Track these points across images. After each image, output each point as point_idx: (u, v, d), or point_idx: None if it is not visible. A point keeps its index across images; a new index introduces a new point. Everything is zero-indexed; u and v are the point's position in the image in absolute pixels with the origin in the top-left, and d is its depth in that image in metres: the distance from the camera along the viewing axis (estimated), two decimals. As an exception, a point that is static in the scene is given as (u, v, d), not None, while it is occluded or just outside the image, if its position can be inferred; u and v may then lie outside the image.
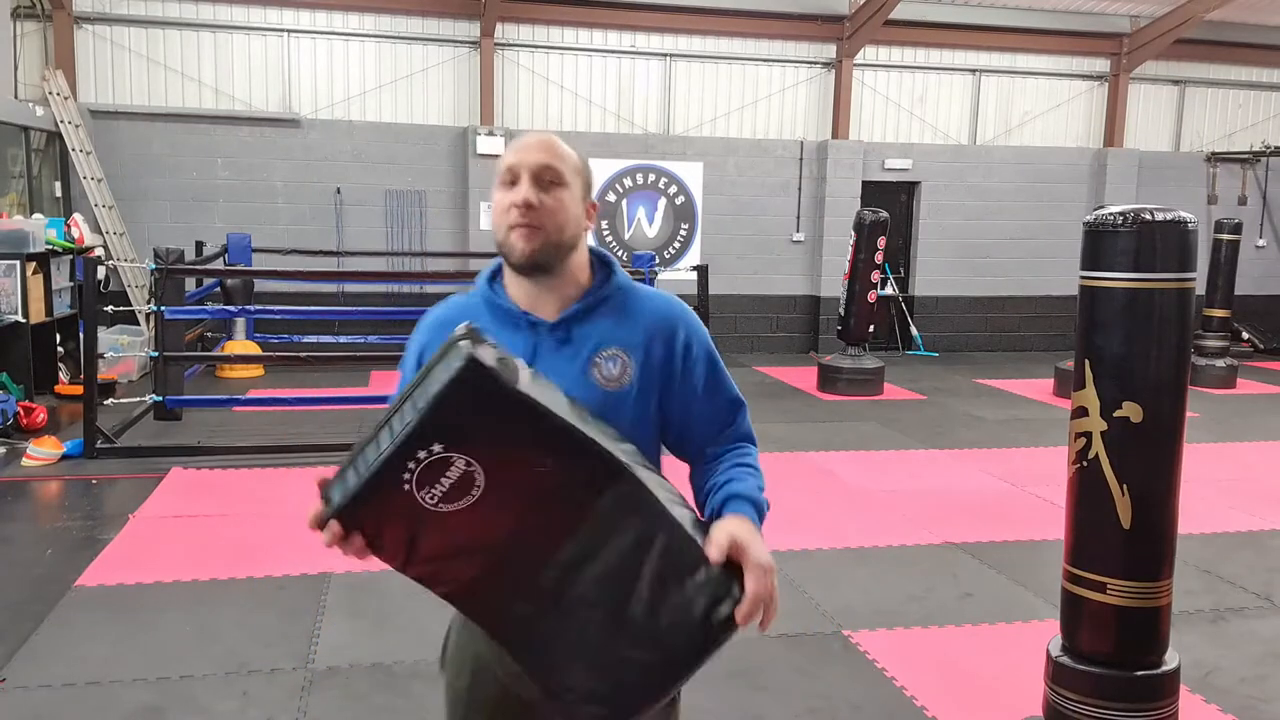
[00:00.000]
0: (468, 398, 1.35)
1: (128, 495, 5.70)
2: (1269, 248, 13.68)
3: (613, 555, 1.45)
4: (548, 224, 1.61)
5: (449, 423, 1.36)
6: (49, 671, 3.54)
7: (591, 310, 1.68)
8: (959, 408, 9.00)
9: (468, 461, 1.37)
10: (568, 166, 1.66)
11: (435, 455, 1.35)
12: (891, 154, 12.31)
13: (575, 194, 1.67)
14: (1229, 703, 3.48)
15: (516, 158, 1.64)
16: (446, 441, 1.36)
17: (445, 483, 1.37)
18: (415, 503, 1.38)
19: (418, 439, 1.35)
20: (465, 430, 1.36)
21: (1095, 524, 2.78)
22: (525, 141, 1.67)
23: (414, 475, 1.36)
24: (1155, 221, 2.64)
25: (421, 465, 1.36)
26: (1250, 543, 5.32)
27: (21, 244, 8.08)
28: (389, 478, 1.36)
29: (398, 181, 11.06)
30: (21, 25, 10.09)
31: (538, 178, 1.62)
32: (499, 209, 1.64)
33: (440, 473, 1.37)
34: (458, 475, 1.37)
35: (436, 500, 1.38)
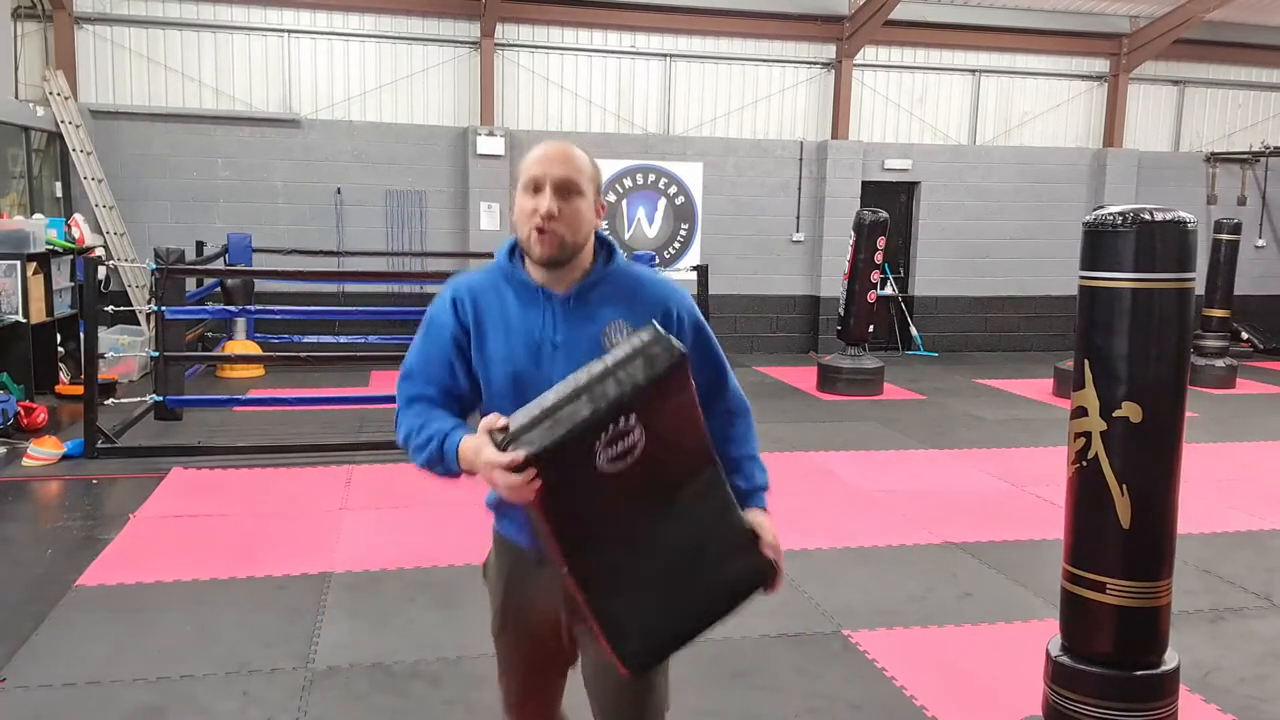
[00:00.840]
0: (670, 383, 1.64)
1: (128, 495, 5.71)
2: (1268, 248, 13.69)
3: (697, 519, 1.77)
4: (565, 231, 1.87)
5: (648, 400, 1.63)
6: (49, 671, 3.54)
7: (596, 285, 1.96)
8: (959, 408, 9.00)
9: (641, 432, 1.64)
10: (585, 177, 1.90)
11: (626, 426, 1.62)
12: (891, 154, 12.32)
13: (589, 201, 1.92)
14: (1229, 703, 3.48)
15: (541, 170, 1.88)
16: (639, 413, 1.63)
17: (620, 446, 1.63)
18: (592, 461, 1.62)
19: (622, 408, 1.61)
20: (656, 406, 1.65)
21: (1095, 524, 2.78)
22: (548, 154, 1.90)
23: (605, 439, 1.61)
24: (1155, 221, 2.64)
25: (613, 432, 1.62)
26: (1250, 543, 5.32)
27: (22, 244, 8.08)
28: (589, 435, 1.60)
29: (398, 181, 11.07)
30: (22, 25, 10.09)
31: (559, 189, 1.86)
32: (523, 212, 1.89)
33: (622, 435, 1.63)
34: (630, 443, 1.63)
35: (605, 461, 1.63)
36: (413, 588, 4.41)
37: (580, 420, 1.60)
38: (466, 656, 3.73)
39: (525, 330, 1.94)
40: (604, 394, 1.61)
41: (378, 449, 6.80)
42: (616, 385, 1.62)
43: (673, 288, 2.03)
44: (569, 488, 1.64)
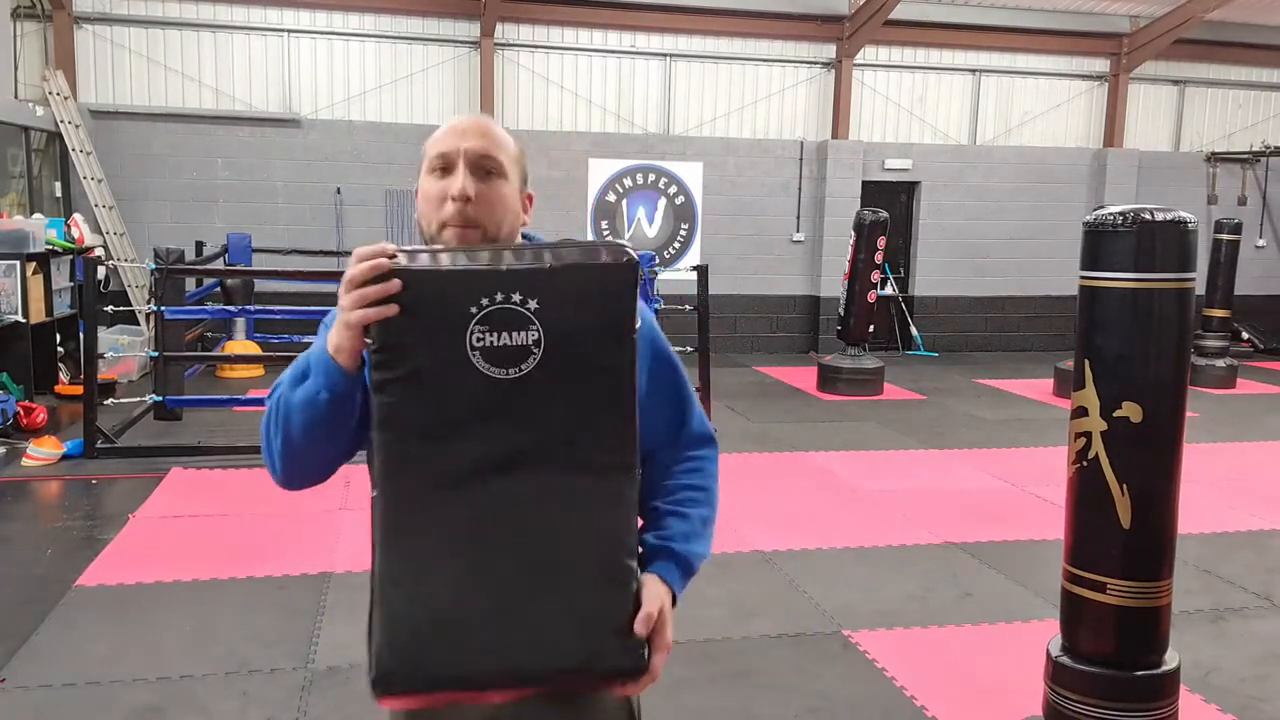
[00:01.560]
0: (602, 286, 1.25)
1: (128, 495, 5.70)
2: (1269, 248, 13.68)
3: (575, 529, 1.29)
4: (486, 220, 1.45)
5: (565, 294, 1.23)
6: (49, 671, 3.54)
7: None
8: (959, 408, 9.00)
9: (536, 340, 1.23)
10: (507, 155, 1.50)
11: (524, 308, 1.22)
12: (891, 154, 12.32)
13: (514, 185, 1.51)
14: (1229, 703, 3.48)
15: (451, 143, 1.47)
16: (542, 304, 1.22)
17: (501, 339, 1.23)
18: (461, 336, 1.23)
19: (528, 283, 1.22)
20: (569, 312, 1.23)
21: (1095, 524, 2.78)
22: (459, 125, 1.50)
23: (489, 307, 1.22)
24: (1155, 221, 2.64)
25: (499, 304, 1.22)
26: (1250, 543, 5.32)
27: (21, 244, 8.08)
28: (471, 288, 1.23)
29: (398, 181, 11.06)
30: (21, 25, 10.09)
31: (475, 166, 1.46)
32: (429, 199, 1.47)
33: (508, 326, 1.22)
34: (518, 344, 1.23)
35: (478, 346, 1.23)
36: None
37: (460, 264, 1.24)
38: (466, 656, 3.72)
39: None
40: (507, 257, 1.24)
41: (378, 449, 6.80)
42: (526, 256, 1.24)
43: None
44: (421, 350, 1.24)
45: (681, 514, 1.51)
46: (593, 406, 1.28)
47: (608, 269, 1.25)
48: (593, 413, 1.28)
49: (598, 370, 1.27)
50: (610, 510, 1.31)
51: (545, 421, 1.26)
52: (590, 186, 11.59)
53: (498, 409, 1.24)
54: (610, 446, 1.30)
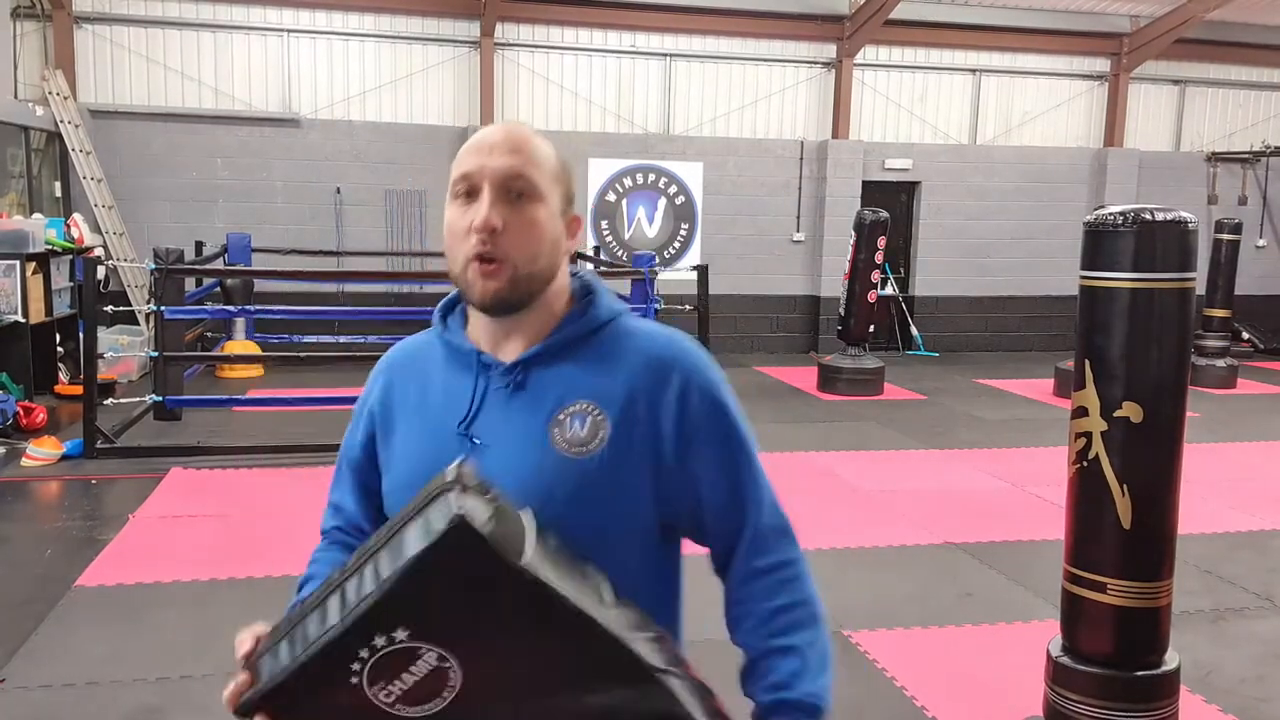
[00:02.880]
0: (448, 572, 1.00)
1: (128, 495, 5.70)
2: (1269, 248, 13.68)
3: None
4: (516, 254, 1.21)
5: (419, 603, 1.02)
6: (49, 671, 3.54)
7: (558, 351, 1.26)
8: (959, 408, 8.99)
9: (440, 656, 1.03)
10: (544, 173, 1.25)
11: (398, 645, 1.02)
12: (891, 154, 12.31)
13: (553, 208, 1.26)
14: (1229, 703, 3.48)
15: (475, 161, 1.23)
16: (414, 628, 1.02)
17: (408, 680, 1.04)
18: (369, 705, 1.05)
19: (374, 621, 1.01)
20: (441, 614, 1.02)
21: (1095, 524, 2.78)
22: (487, 139, 1.25)
23: (365, 668, 1.03)
24: (1155, 221, 2.64)
25: (378, 656, 1.02)
26: (1250, 543, 5.32)
27: (21, 244, 8.08)
28: (331, 666, 1.04)
29: (398, 181, 11.06)
30: (21, 25, 10.08)
31: (503, 189, 1.21)
32: (453, 232, 1.24)
33: (402, 667, 1.03)
34: (426, 671, 1.04)
35: (394, 700, 1.05)
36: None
37: (313, 646, 1.04)
38: (466, 657, 3.72)
39: (441, 418, 1.28)
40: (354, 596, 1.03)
41: (378, 449, 6.79)
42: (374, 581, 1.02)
43: (685, 350, 1.29)
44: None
45: (787, 649, 1.24)
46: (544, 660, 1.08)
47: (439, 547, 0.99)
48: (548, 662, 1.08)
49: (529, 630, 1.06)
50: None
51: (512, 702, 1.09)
52: (590, 186, 11.59)
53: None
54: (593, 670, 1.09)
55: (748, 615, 1.28)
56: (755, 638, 1.27)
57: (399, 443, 1.33)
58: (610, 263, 10.95)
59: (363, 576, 1.03)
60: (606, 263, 10.88)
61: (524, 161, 1.23)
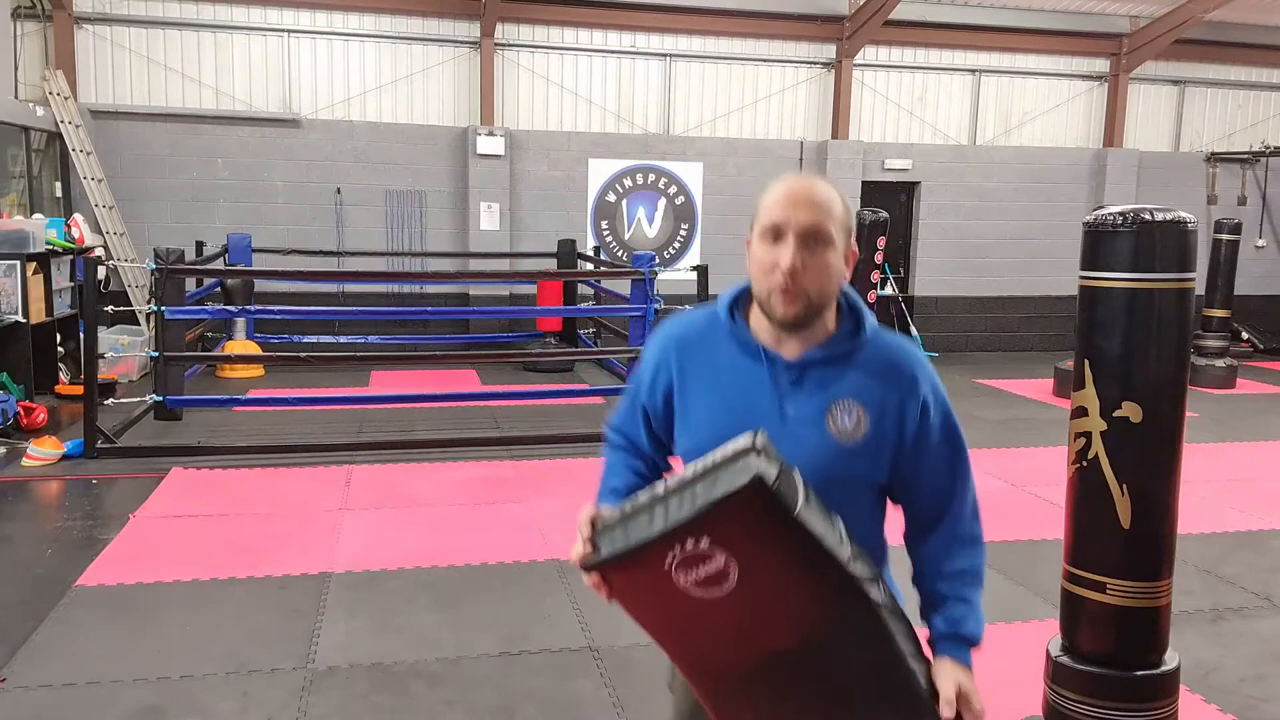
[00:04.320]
0: (745, 511, 1.41)
1: (128, 495, 5.71)
2: (1268, 248, 13.68)
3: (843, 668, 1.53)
4: (811, 289, 1.59)
5: (721, 525, 1.42)
6: (49, 671, 3.54)
7: (833, 359, 1.66)
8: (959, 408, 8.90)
9: (727, 559, 1.43)
10: (836, 224, 1.60)
11: (701, 549, 1.43)
12: (891, 154, 12.32)
13: (840, 251, 1.62)
14: (1229, 703, 3.48)
15: (784, 215, 1.59)
16: (714, 539, 1.42)
17: (702, 572, 1.44)
18: (670, 581, 1.45)
19: (689, 530, 1.42)
20: (734, 535, 1.43)
21: (1095, 524, 2.78)
22: (794, 194, 1.60)
23: (676, 559, 1.44)
24: (1155, 221, 2.64)
25: (686, 553, 1.43)
26: (1250, 543, 5.32)
27: (22, 244, 8.08)
28: (654, 554, 1.45)
29: (398, 181, 11.06)
30: (21, 25, 10.09)
31: (804, 239, 1.58)
32: (760, 264, 1.61)
33: (700, 562, 1.44)
34: (715, 570, 1.44)
35: (689, 584, 1.45)
36: (413, 588, 4.41)
37: (641, 537, 1.46)
38: (466, 656, 3.73)
39: (743, 395, 1.67)
40: (673, 510, 1.45)
41: (378, 449, 6.81)
42: (691, 506, 1.43)
43: (923, 365, 1.72)
44: (653, 599, 1.52)
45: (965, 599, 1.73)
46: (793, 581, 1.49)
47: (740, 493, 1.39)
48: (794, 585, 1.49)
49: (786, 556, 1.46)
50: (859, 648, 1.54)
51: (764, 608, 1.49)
52: (590, 186, 11.59)
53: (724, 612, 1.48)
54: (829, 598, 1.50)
55: (943, 571, 1.73)
56: (944, 585, 1.73)
57: (700, 407, 1.70)
58: (610, 263, 10.96)
59: (683, 499, 1.43)
60: (606, 263, 10.88)
61: (823, 215, 1.59)
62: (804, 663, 1.53)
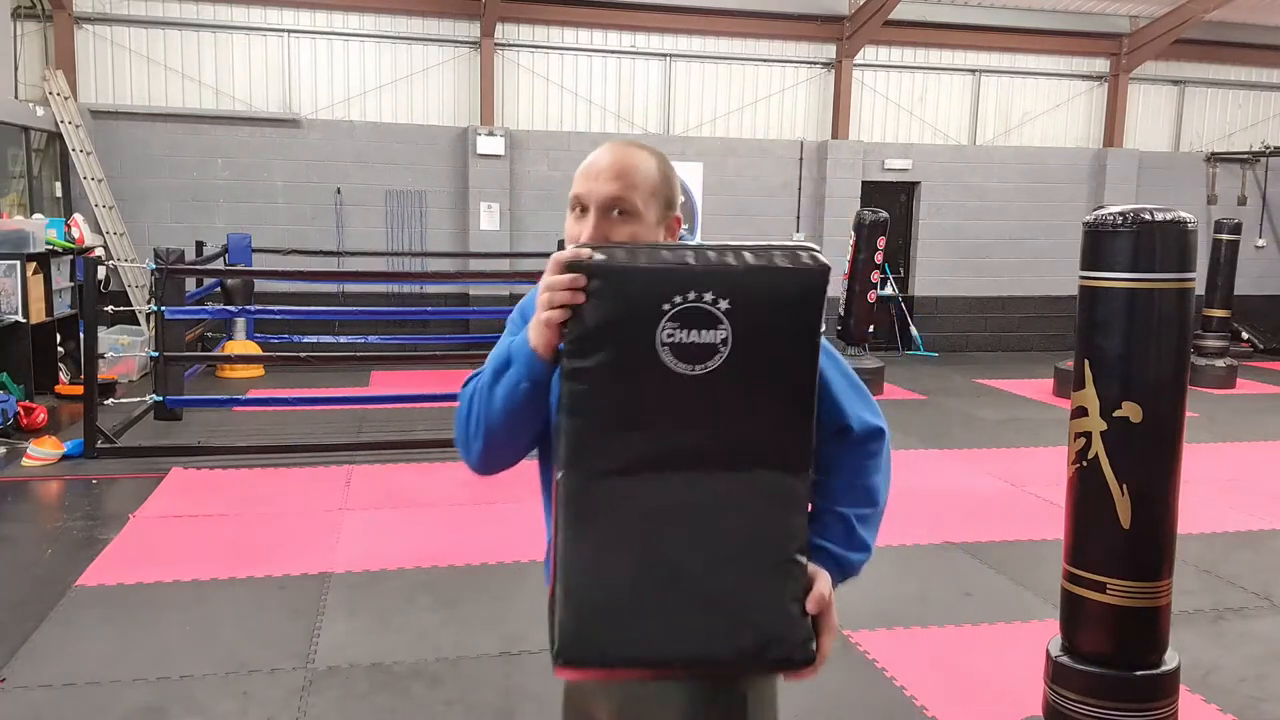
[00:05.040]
0: (792, 292, 1.29)
1: (128, 495, 5.70)
2: (1268, 248, 13.68)
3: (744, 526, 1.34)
4: None
5: (755, 294, 1.26)
6: (49, 671, 3.54)
7: None
8: (959, 408, 9.00)
9: (725, 339, 1.27)
10: (641, 192, 1.52)
11: (715, 307, 1.25)
12: (891, 154, 12.32)
13: (650, 221, 1.53)
14: (1229, 703, 3.48)
15: (585, 186, 1.52)
16: (735, 304, 1.25)
17: (691, 336, 1.27)
18: (651, 331, 1.26)
19: (719, 282, 1.25)
20: (757, 312, 1.27)
21: (1095, 524, 2.78)
22: (598, 164, 1.53)
23: (680, 305, 1.26)
24: (1155, 221, 2.64)
25: (691, 303, 1.25)
26: (1250, 543, 5.32)
27: (22, 244, 8.08)
28: (661, 286, 1.26)
29: (398, 181, 11.06)
30: (21, 25, 10.09)
31: (606, 210, 1.50)
32: (569, 238, 1.53)
33: (698, 324, 1.26)
34: (707, 341, 1.27)
35: (668, 342, 1.27)
36: (413, 588, 4.41)
37: (656, 262, 1.27)
38: (466, 656, 3.73)
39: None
40: (712, 258, 1.27)
41: (378, 449, 6.80)
42: (735, 258, 1.27)
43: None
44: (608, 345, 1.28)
45: (841, 515, 1.55)
46: (774, 408, 1.33)
47: (799, 273, 1.29)
48: (773, 414, 1.33)
49: (782, 372, 1.32)
50: (783, 509, 1.36)
51: (726, 419, 1.31)
52: (590, 186, 11.58)
53: (682, 404, 1.29)
54: (788, 448, 1.35)
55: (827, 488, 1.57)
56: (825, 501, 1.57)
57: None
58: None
59: (724, 253, 1.27)
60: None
61: (625, 186, 1.50)
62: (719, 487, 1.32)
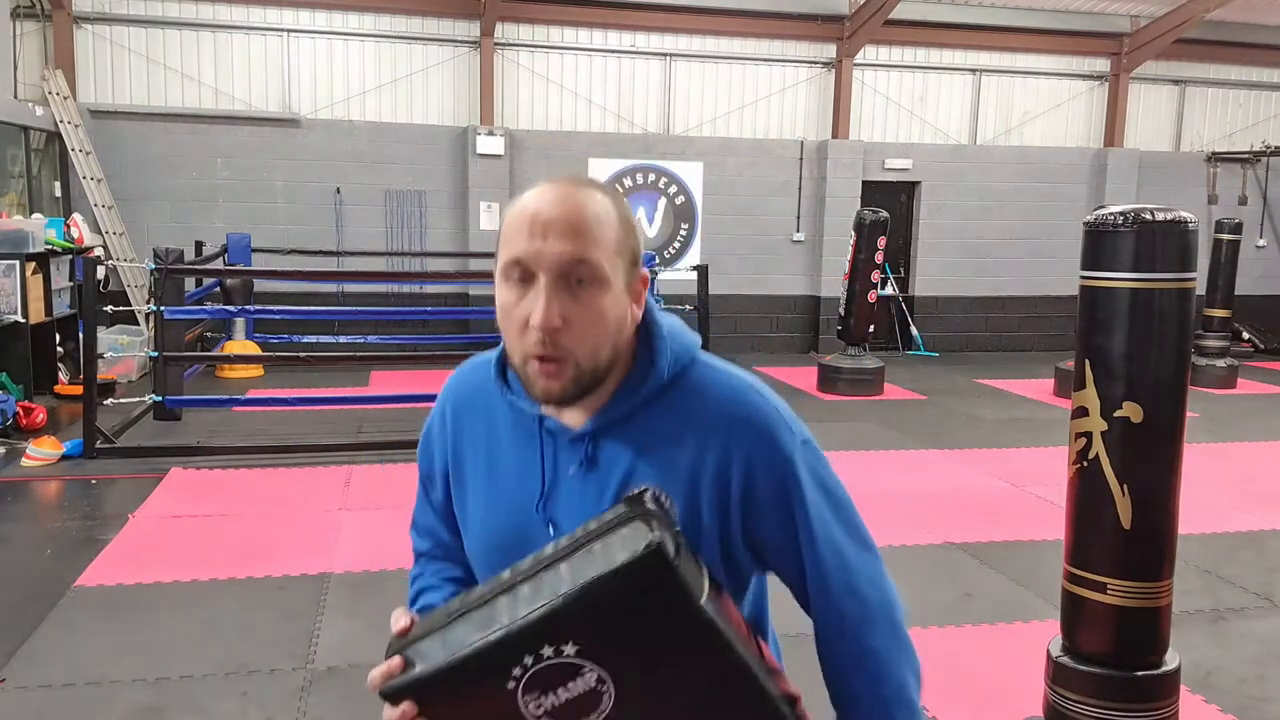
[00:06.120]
0: (632, 595, 1.01)
1: (127, 495, 5.70)
2: (1269, 248, 13.68)
3: None
4: (579, 350, 1.11)
5: (596, 621, 1.01)
6: (49, 671, 3.54)
7: (624, 420, 1.18)
8: (959, 408, 8.99)
9: (599, 679, 1.03)
10: (605, 250, 1.11)
11: (564, 659, 1.02)
12: (891, 154, 12.31)
13: (618, 288, 1.13)
14: (1229, 703, 3.48)
15: (529, 245, 1.10)
16: (584, 645, 1.02)
17: (562, 696, 1.04)
18: (514, 709, 1.04)
19: (547, 631, 1.01)
20: (613, 636, 1.03)
21: (1095, 524, 2.78)
22: (541, 216, 1.11)
23: (525, 675, 1.03)
24: (1155, 221, 2.63)
25: (541, 666, 1.02)
26: (1250, 543, 5.32)
27: (21, 244, 8.08)
28: (491, 667, 1.03)
29: (398, 181, 11.06)
30: (21, 25, 10.08)
31: (563, 278, 1.10)
32: (508, 317, 1.13)
33: (561, 681, 1.03)
34: (582, 691, 1.04)
35: (542, 713, 1.04)
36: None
37: (473, 645, 1.02)
38: (466, 657, 3.72)
39: (514, 487, 1.23)
40: (526, 604, 1.02)
41: (377, 449, 6.80)
42: (550, 590, 1.02)
43: (769, 413, 1.22)
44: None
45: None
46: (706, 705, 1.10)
47: (629, 573, 1.00)
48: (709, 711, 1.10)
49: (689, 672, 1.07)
50: None
51: None
52: (590, 186, 11.57)
53: None
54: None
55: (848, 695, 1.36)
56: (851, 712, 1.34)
57: (473, 505, 1.27)
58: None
59: (539, 584, 1.02)
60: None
61: (585, 244, 1.10)
62: None
